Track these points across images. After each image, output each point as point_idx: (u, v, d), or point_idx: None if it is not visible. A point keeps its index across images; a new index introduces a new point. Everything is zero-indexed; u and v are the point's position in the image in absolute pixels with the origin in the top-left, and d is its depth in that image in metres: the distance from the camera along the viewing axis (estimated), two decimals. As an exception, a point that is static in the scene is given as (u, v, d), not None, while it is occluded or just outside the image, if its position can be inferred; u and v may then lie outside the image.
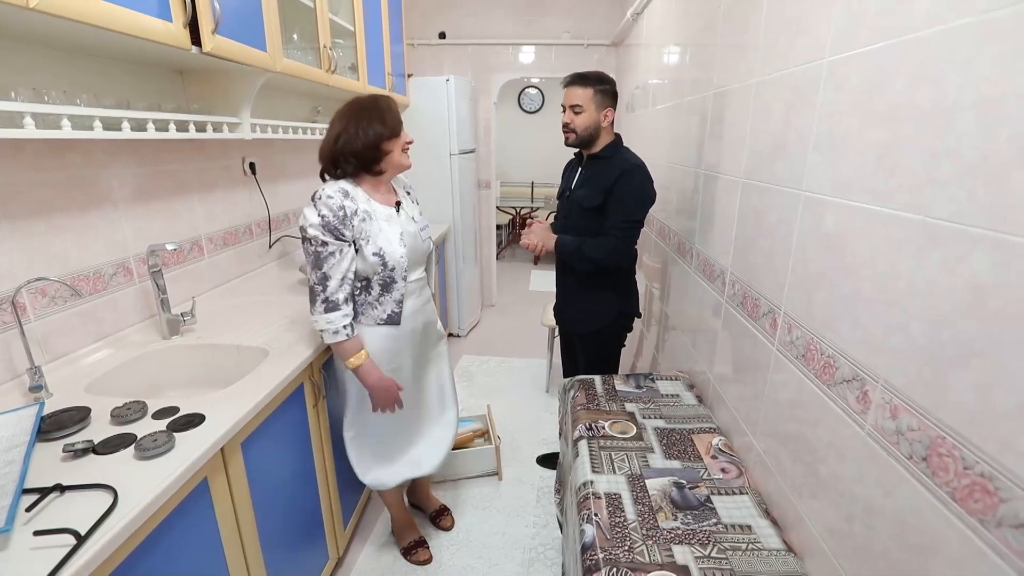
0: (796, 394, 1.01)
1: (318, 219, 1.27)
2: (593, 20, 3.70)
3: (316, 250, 1.28)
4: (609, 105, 1.67)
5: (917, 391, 0.70)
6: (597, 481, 1.18)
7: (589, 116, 1.66)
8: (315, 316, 1.30)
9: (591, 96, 1.65)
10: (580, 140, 1.71)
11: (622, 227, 1.62)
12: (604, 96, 1.66)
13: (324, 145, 1.37)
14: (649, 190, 1.66)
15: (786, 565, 0.95)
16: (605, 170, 1.68)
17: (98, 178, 1.36)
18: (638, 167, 1.65)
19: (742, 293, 1.29)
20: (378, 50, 2.61)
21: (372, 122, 1.31)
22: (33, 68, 1.17)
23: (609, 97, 1.68)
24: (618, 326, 1.87)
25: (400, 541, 1.78)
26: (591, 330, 1.86)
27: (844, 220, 0.87)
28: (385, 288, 1.40)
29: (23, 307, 1.17)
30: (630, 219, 1.63)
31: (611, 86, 1.68)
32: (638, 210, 1.64)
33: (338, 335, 1.31)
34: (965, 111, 0.63)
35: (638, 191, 1.63)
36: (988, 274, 0.59)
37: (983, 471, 0.59)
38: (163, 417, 1.03)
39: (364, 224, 1.32)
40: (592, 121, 1.67)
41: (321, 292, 1.29)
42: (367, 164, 1.35)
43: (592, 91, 1.65)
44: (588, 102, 1.65)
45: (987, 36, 0.60)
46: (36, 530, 0.72)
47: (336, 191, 1.30)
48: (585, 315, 1.85)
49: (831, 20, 0.92)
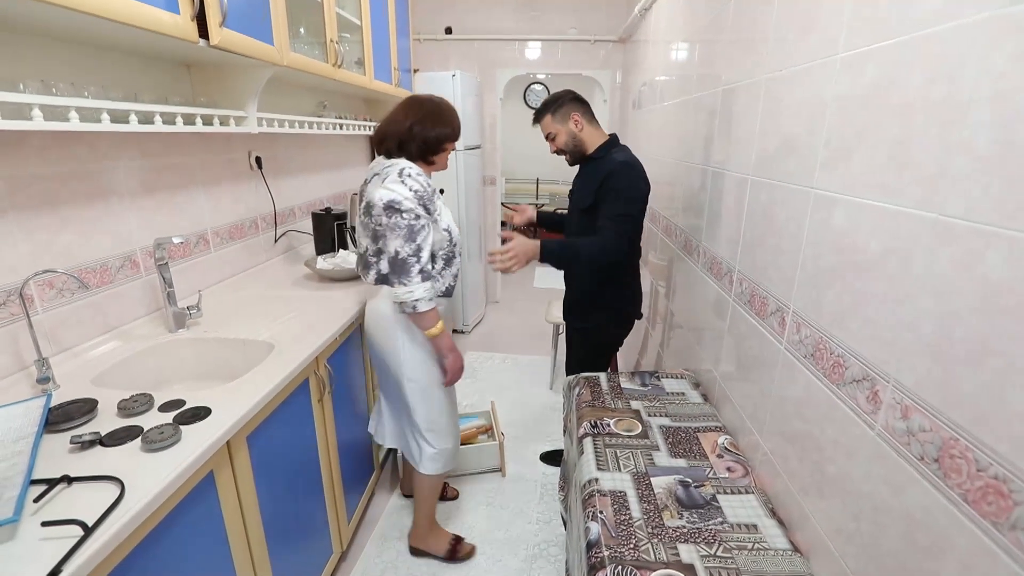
0: (804, 393, 1.01)
1: (411, 193, 1.35)
2: (600, 16, 3.68)
3: (410, 223, 1.35)
4: (572, 112, 1.73)
5: (929, 391, 0.69)
6: (602, 479, 1.18)
7: (562, 135, 1.76)
8: (411, 287, 1.36)
9: (550, 120, 1.76)
10: (572, 155, 1.79)
11: (613, 220, 1.61)
12: (561, 111, 1.74)
13: (391, 127, 1.47)
14: (638, 186, 1.66)
15: (792, 565, 0.94)
16: (595, 171, 1.71)
17: (105, 171, 1.36)
18: (625, 164, 1.65)
19: (750, 291, 1.28)
20: (384, 45, 2.61)
21: (444, 122, 1.49)
22: (41, 60, 1.18)
23: (565, 107, 1.74)
24: (613, 325, 1.87)
25: (438, 544, 1.73)
26: (583, 325, 1.89)
27: (855, 217, 0.86)
28: (448, 262, 1.53)
29: (31, 299, 1.17)
30: (619, 214, 1.62)
31: (562, 100, 1.75)
32: (627, 205, 1.63)
33: (432, 303, 1.41)
34: (980, 106, 0.62)
35: (625, 187, 1.63)
36: (1002, 271, 0.58)
37: (997, 473, 0.58)
38: (169, 410, 1.03)
39: (438, 201, 1.46)
40: (567, 136, 1.75)
41: (416, 263, 1.37)
42: (427, 154, 1.48)
43: (549, 116, 1.76)
44: (552, 125, 1.76)
45: (1005, 30, 0.59)
46: (44, 520, 0.72)
47: (418, 170, 1.40)
48: (580, 309, 1.88)
49: (843, 15, 0.91)
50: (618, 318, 1.86)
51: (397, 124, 1.45)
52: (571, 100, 1.75)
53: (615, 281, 1.79)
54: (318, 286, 1.92)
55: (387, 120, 1.48)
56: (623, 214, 1.61)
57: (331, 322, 1.52)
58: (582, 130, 1.73)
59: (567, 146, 1.76)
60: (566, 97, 1.76)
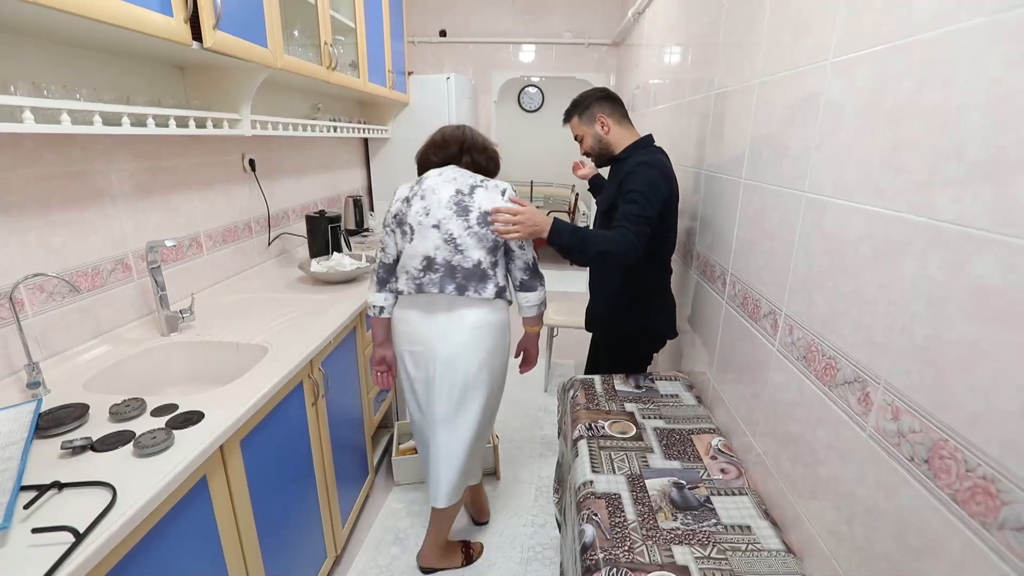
0: (797, 395, 1.01)
1: None
2: (594, 19, 3.70)
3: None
4: (599, 114, 1.64)
5: (919, 393, 0.70)
6: (597, 481, 1.18)
7: (589, 137, 1.68)
8: (542, 290, 1.51)
9: (577, 122, 1.70)
10: (600, 157, 1.71)
11: (628, 220, 1.45)
12: (587, 112, 1.67)
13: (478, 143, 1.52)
14: (656, 185, 1.51)
15: (785, 566, 0.95)
16: (616, 173, 1.64)
17: (97, 173, 1.35)
18: (645, 164, 1.53)
19: (743, 294, 1.29)
20: (379, 47, 2.61)
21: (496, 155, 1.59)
22: (32, 62, 1.17)
23: (592, 108, 1.66)
24: (638, 341, 1.78)
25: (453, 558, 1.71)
26: (609, 337, 1.83)
27: (847, 221, 0.87)
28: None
29: (21, 303, 1.16)
30: (634, 214, 1.46)
31: (589, 100, 1.67)
32: (645, 205, 1.47)
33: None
34: (972, 112, 0.63)
35: (641, 186, 1.49)
36: (992, 276, 0.59)
37: (985, 474, 0.59)
38: (162, 414, 1.02)
39: None
40: (594, 139, 1.67)
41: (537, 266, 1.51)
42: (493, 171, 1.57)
43: (576, 118, 1.69)
44: (579, 127, 1.70)
45: (997, 37, 0.60)
46: (34, 527, 0.72)
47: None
48: (606, 322, 1.80)
49: (835, 21, 0.92)
50: (644, 336, 1.77)
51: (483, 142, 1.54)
52: (598, 99, 1.65)
53: (642, 298, 1.69)
54: (312, 289, 1.91)
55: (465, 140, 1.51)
56: (638, 215, 1.45)
57: (325, 325, 1.51)
58: (608, 132, 1.64)
59: (593, 149, 1.69)
60: (593, 96, 1.66)
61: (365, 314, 1.80)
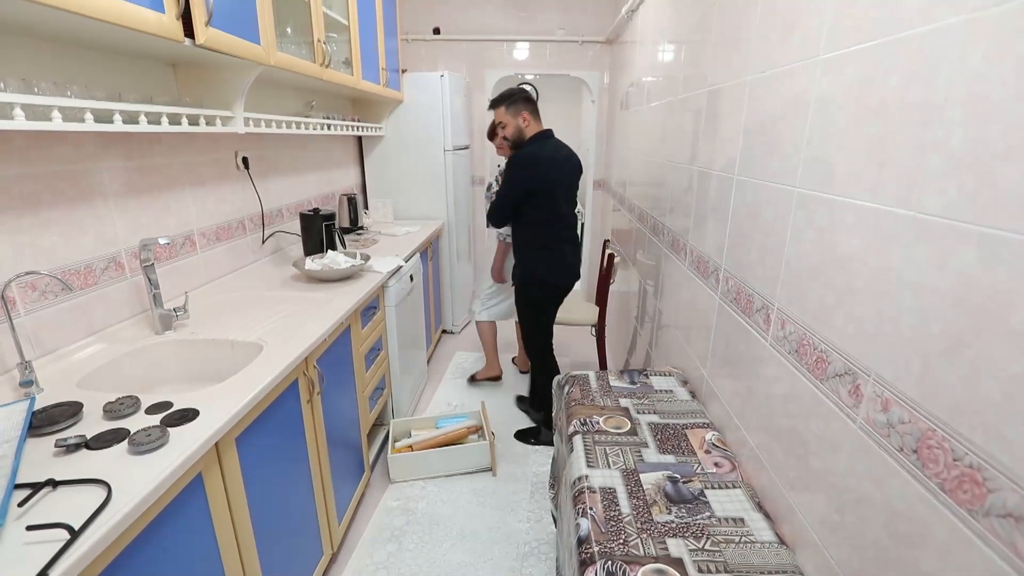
0: (789, 389, 1.02)
1: None
2: (587, 17, 3.70)
3: None
4: (523, 110, 2.12)
5: (907, 384, 0.71)
6: (592, 475, 1.19)
7: (511, 127, 2.15)
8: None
9: (504, 112, 2.15)
10: (513, 145, 2.20)
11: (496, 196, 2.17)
12: (514, 106, 2.13)
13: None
14: (521, 174, 2.07)
15: (778, 557, 0.96)
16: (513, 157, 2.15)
17: (88, 171, 1.34)
18: (521, 155, 2.09)
19: (736, 289, 1.30)
20: (372, 45, 2.60)
21: None
22: (23, 59, 1.16)
23: (518, 104, 2.12)
24: (532, 287, 2.23)
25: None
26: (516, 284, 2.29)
27: (836, 215, 0.88)
28: None
29: (12, 301, 1.15)
30: (500, 193, 2.15)
31: (516, 97, 2.13)
32: (508, 187, 2.12)
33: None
34: (955, 106, 0.64)
35: (509, 174, 2.11)
36: (975, 268, 0.60)
37: (972, 462, 0.60)
38: (156, 412, 1.02)
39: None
40: (513, 128, 2.15)
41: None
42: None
43: (504, 108, 2.14)
44: (504, 116, 2.16)
45: (978, 33, 0.61)
46: (29, 525, 0.72)
47: None
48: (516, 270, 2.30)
49: (824, 18, 0.93)
50: (535, 281, 2.21)
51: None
52: (525, 100, 2.14)
53: (533, 249, 2.20)
54: (307, 287, 1.91)
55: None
56: (501, 193, 2.14)
57: (320, 323, 1.51)
58: (528, 125, 2.14)
59: (512, 136, 2.16)
60: (520, 96, 2.14)
61: (360, 311, 1.81)
